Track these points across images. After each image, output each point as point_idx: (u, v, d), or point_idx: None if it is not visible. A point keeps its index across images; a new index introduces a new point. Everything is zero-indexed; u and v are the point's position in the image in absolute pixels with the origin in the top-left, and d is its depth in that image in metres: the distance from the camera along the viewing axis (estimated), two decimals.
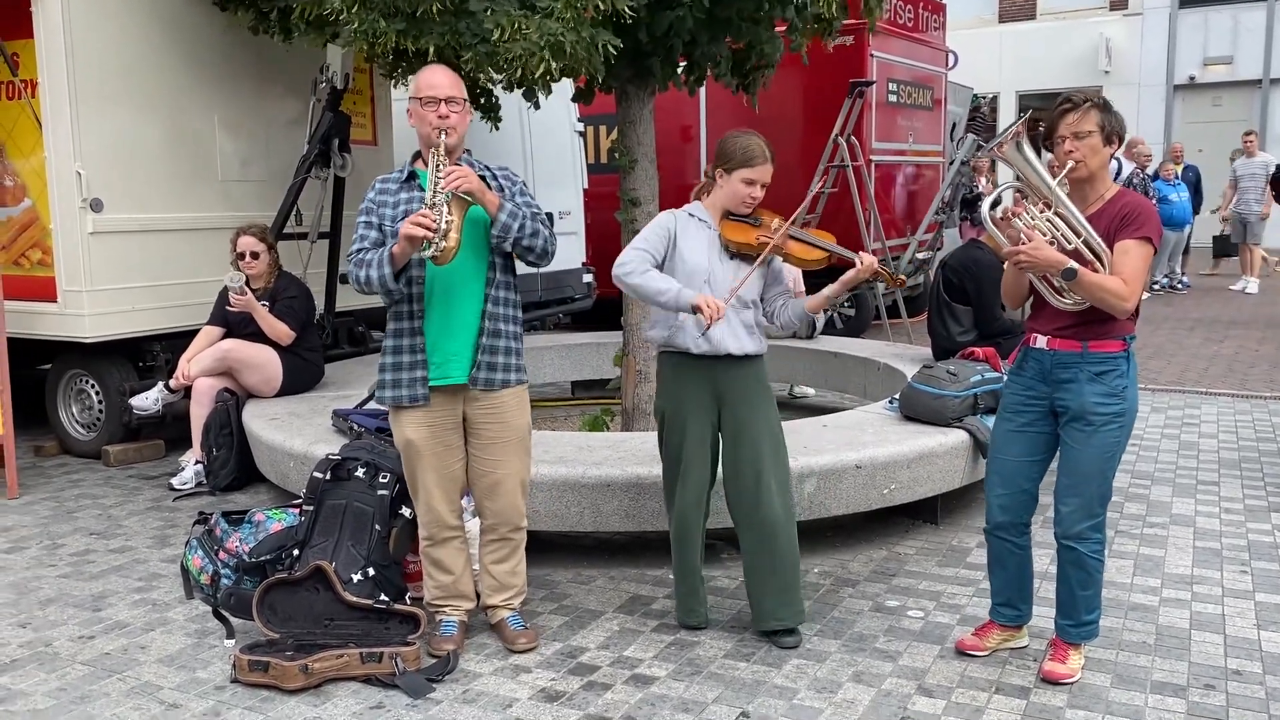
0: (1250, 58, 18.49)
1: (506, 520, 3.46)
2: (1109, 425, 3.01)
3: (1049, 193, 2.99)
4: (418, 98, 3.27)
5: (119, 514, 5.02)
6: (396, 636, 3.38)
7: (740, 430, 3.41)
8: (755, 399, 3.44)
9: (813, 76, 9.13)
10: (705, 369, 3.42)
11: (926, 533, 4.54)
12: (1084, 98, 3.02)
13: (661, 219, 3.49)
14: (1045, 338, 3.09)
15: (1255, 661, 3.29)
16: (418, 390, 3.29)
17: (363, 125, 7.11)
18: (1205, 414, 6.71)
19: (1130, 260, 2.94)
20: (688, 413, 3.43)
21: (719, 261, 3.42)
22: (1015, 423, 3.19)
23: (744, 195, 3.40)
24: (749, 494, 3.40)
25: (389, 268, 3.18)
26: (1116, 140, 3.06)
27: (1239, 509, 4.79)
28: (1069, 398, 3.05)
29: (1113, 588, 3.87)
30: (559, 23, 4.02)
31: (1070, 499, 3.08)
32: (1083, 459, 3.04)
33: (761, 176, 3.38)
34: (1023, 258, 2.94)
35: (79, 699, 3.16)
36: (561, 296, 9.01)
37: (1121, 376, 3.02)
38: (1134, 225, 2.96)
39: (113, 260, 5.72)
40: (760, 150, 3.37)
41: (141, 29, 5.84)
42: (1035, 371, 3.14)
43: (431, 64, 3.44)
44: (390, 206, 3.33)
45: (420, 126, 3.29)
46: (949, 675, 3.22)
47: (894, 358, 6.14)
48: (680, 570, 3.55)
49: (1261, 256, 12.44)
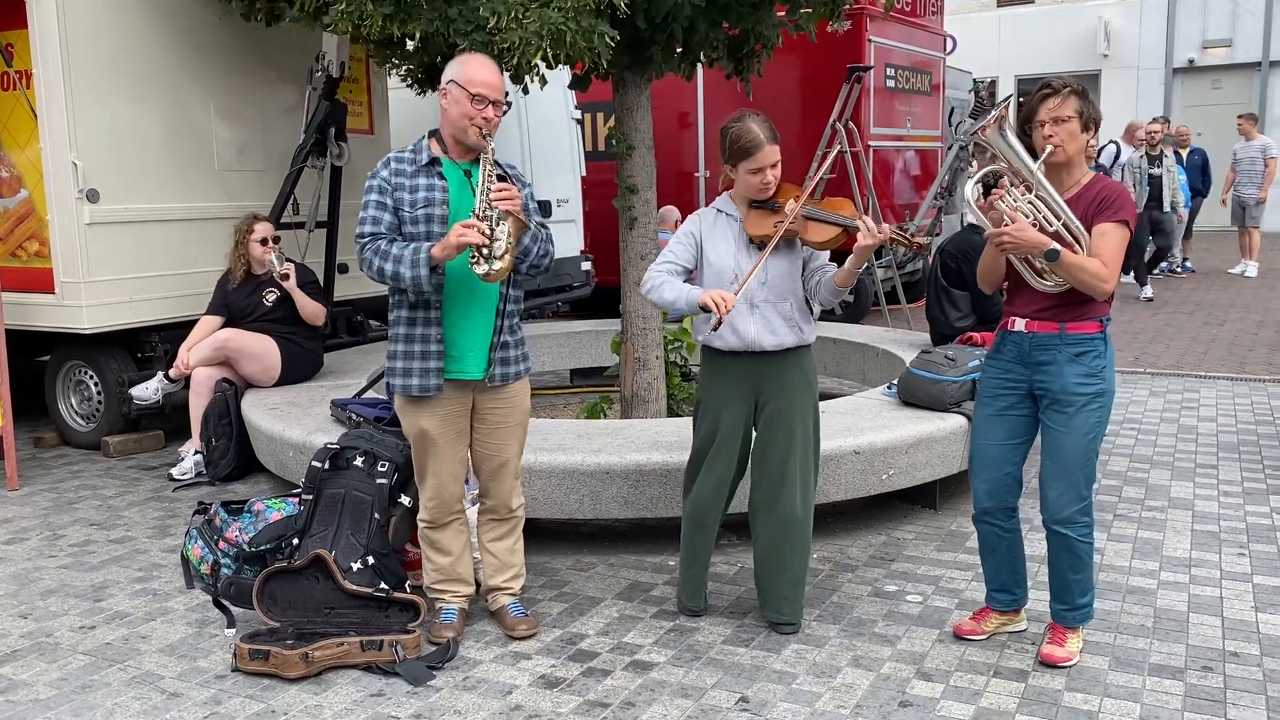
0: (1249, 40, 18.44)
1: (506, 501, 3.48)
2: (1090, 405, 3.04)
3: (1030, 176, 3.02)
4: (468, 89, 3.16)
5: (119, 505, 5.03)
6: (396, 624, 3.39)
7: (774, 422, 3.37)
8: (794, 392, 3.37)
9: (810, 61, 9.11)
10: (742, 364, 3.37)
11: (925, 518, 4.55)
12: (1064, 83, 3.03)
13: (688, 224, 3.45)
14: (1023, 320, 3.12)
15: (1253, 643, 3.30)
16: (430, 381, 3.27)
17: (359, 114, 7.09)
18: (1204, 397, 6.71)
19: (1109, 242, 2.98)
20: (723, 405, 3.40)
21: (746, 256, 3.35)
22: (995, 407, 3.21)
23: (756, 185, 3.32)
24: (773, 486, 3.38)
25: (425, 269, 3.10)
26: (1093, 127, 3.08)
27: (1237, 492, 4.80)
28: (1049, 380, 3.07)
29: (1111, 571, 3.88)
30: (559, 12, 4.01)
31: (1056, 483, 3.10)
32: (1066, 441, 3.06)
33: (766, 162, 3.28)
34: (1006, 239, 2.97)
35: (80, 689, 3.17)
36: (560, 285, 9.01)
37: (1100, 357, 3.06)
38: (1111, 209, 3.00)
39: (110, 251, 5.71)
40: (757, 136, 3.26)
41: (136, 18, 5.82)
42: (1014, 354, 3.15)
43: (479, 54, 3.34)
44: (408, 191, 3.23)
45: (458, 117, 3.19)
46: (947, 659, 3.23)
47: (892, 343, 6.14)
48: (691, 554, 3.52)
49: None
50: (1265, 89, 18.32)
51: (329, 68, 6.21)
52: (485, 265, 3.09)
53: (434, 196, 3.22)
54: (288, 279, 5.56)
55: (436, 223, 3.21)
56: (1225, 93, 18.78)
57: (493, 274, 3.11)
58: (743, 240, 3.38)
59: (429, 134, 3.34)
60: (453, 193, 3.24)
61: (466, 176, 3.28)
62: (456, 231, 3.07)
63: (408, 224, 3.22)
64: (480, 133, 3.17)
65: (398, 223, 3.23)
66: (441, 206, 3.22)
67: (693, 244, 3.41)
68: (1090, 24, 19.44)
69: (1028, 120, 3.06)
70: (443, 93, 3.25)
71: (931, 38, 11.11)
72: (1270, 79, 18.31)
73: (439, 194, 3.22)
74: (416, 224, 3.21)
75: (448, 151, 3.29)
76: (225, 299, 5.68)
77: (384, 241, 3.18)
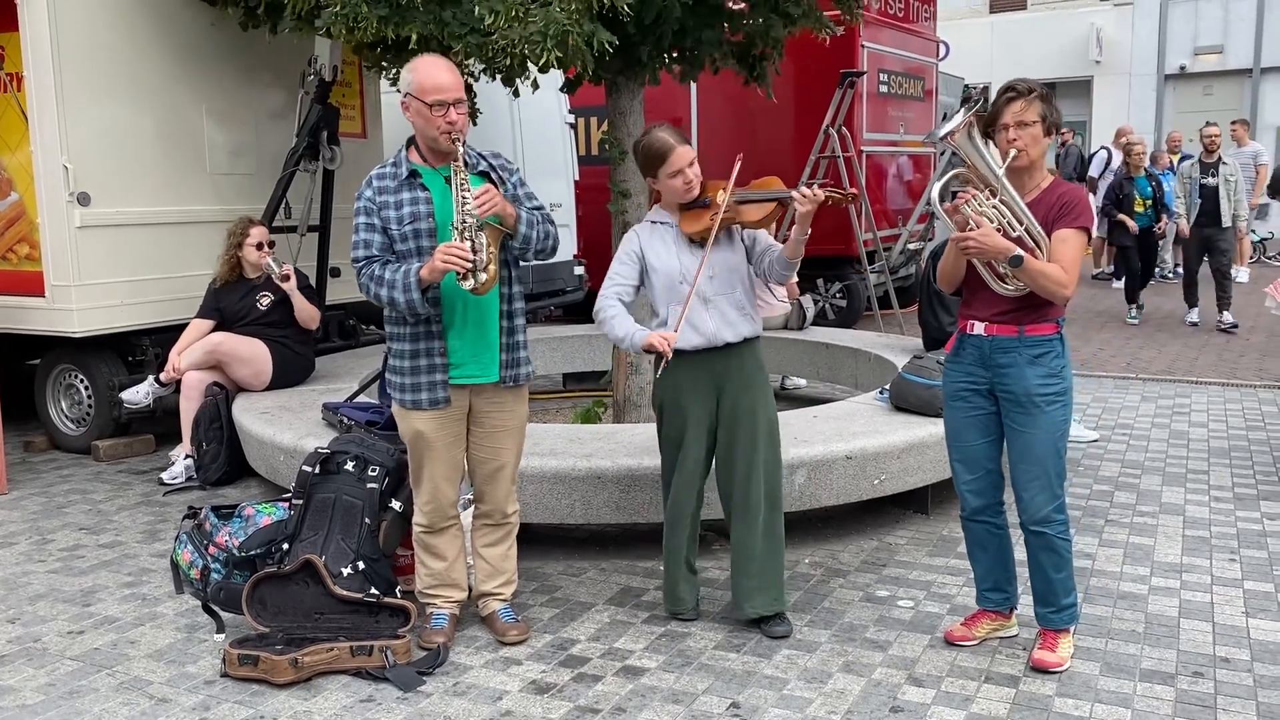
0: (1241, 47, 18.51)
1: (501, 506, 3.47)
2: (1054, 404, 3.07)
3: (995, 181, 3.03)
4: (423, 100, 3.10)
5: (108, 509, 5.00)
6: (387, 629, 3.38)
7: (737, 416, 3.42)
8: (753, 384, 3.45)
9: (803, 67, 9.11)
10: (703, 360, 3.42)
11: (917, 523, 4.55)
12: (1028, 87, 3.03)
13: (626, 243, 3.50)
14: (982, 324, 3.14)
15: (1244, 649, 3.30)
16: (438, 394, 3.27)
17: (352, 118, 7.08)
18: (1195, 403, 6.72)
19: (1069, 249, 3.01)
20: (687, 402, 3.44)
21: (689, 255, 3.42)
22: (965, 410, 3.23)
23: (680, 187, 3.38)
24: (740, 480, 3.42)
25: (417, 293, 3.11)
26: (1055, 131, 3.10)
27: (1228, 497, 4.80)
28: (1010, 381, 3.10)
29: (1102, 576, 3.88)
30: (564, 14, 4.00)
31: (1031, 484, 3.12)
32: (1035, 442, 3.09)
33: (682, 162, 3.34)
34: (971, 244, 2.99)
35: (68, 694, 3.15)
36: (553, 289, 9.00)
37: (1058, 357, 3.09)
38: (1072, 215, 3.03)
39: (101, 254, 5.69)
40: (666, 141, 3.33)
41: (128, 21, 5.81)
42: (974, 357, 3.18)
43: (428, 56, 3.26)
44: (393, 208, 3.21)
45: (424, 128, 3.15)
46: (939, 665, 3.23)
47: (885, 348, 6.14)
48: (667, 555, 3.55)
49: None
50: (1256, 95, 18.39)
51: (321, 71, 6.20)
52: (471, 280, 3.08)
53: (418, 210, 3.21)
54: (289, 280, 5.55)
55: (425, 237, 3.20)
56: (1217, 99, 18.84)
57: (480, 287, 3.10)
58: (682, 241, 3.45)
59: (408, 143, 3.31)
60: (437, 201, 3.23)
61: (448, 182, 3.24)
62: (440, 255, 3.05)
63: (398, 242, 3.22)
64: (450, 138, 3.13)
65: (388, 241, 3.22)
66: (427, 220, 3.21)
67: (635, 261, 3.47)
68: (1082, 30, 19.50)
69: (991, 123, 3.07)
70: (404, 106, 3.21)
71: (924, 43, 11.13)
72: (1261, 85, 18.38)
73: (423, 207, 3.21)
74: (406, 240, 3.21)
75: (426, 160, 3.27)
76: (217, 302, 5.65)
77: (377, 265, 3.19)
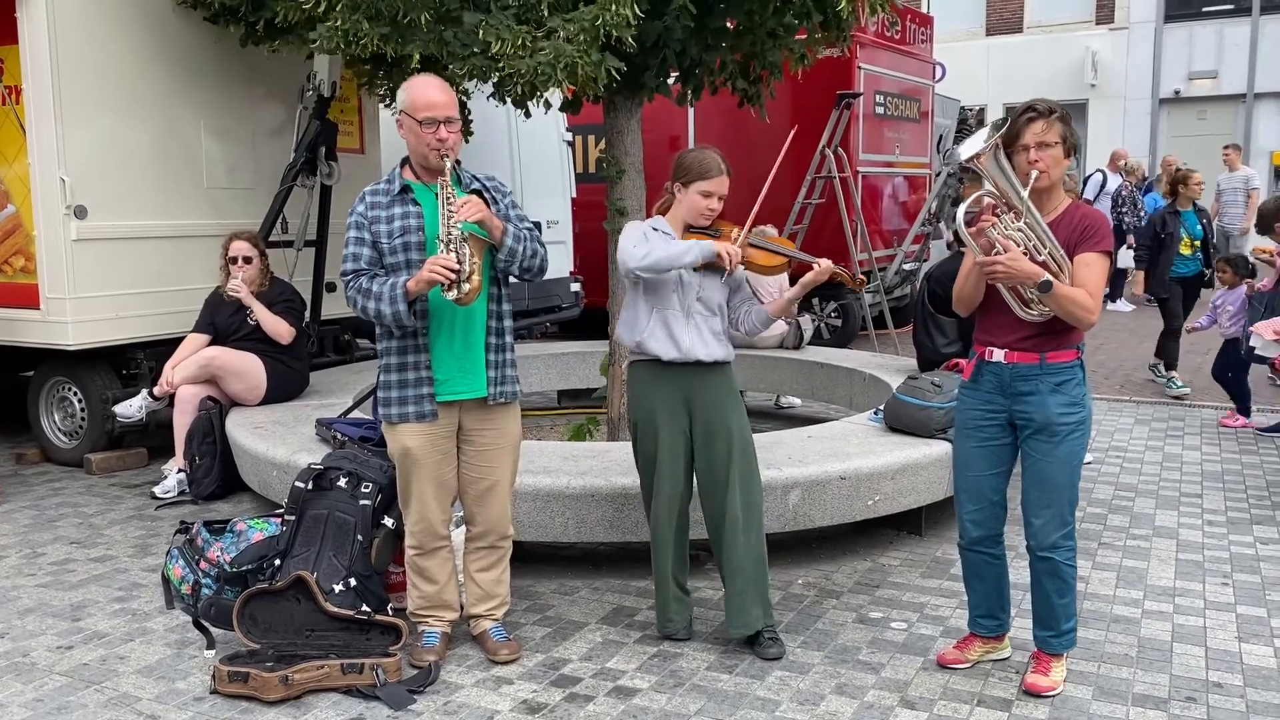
0: (1235, 72, 18.62)
1: (495, 528, 3.45)
2: (1074, 434, 3.06)
3: (1019, 203, 2.99)
4: (414, 117, 3.17)
5: (100, 523, 4.98)
6: (378, 647, 3.36)
7: (712, 436, 3.43)
8: (725, 404, 3.46)
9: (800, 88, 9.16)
10: (676, 376, 3.44)
11: (910, 544, 4.54)
12: (1049, 107, 3.01)
13: (641, 228, 3.50)
14: (1002, 351, 3.11)
15: (1236, 674, 3.30)
16: (425, 407, 3.27)
17: (350, 133, 7.10)
18: (1189, 425, 6.74)
19: (1093, 273, 2.99)
20: (660, 421, 3.45)
21: (686, 270, 3.44)
22: (977, 439, 3.20)
23: (702, 207, 3.43)
24: (718, 498, 3.43)
25: (404, 305, 3.13)
26: (1074, 153, 3.09)
27: (1221, 521, 4.81)
28: (1032, 410, 3.07)
29: (1095, 600, 3.88)
30: (572, 44, 4.05)
31: (1043, 511, 3.10)
32: (1051, 470, 3.06)
33: (718, 189, 3.41)
34: (999, 269, 2.95)
35: (56, 710, 3.13)
36: (549, 305, 9.02)
37: (1079, 385, 3.07)
38: (1095, 238, 3.01)
39: (96, 267, 5.69)
40: (716, 164, 3.40)
41: (127, 35, 5.82)
42: (993, 385, 3.14)
43: (422, 75, 3.34)
44: (384, 223, 3.25)
45: (416, 145, 3.22)
46: (932, 687, 3.22)
47: (879, 369, 6.15)
48: (656, 577, 3.55)
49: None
50: (1250, 120, 18.50)
51: (320, 87, 6.22)
52: (454, 290, 3.09)
53: (409, 224, 3.23)
54: (239, 293, 5.47)
55: (414, 250, 3.22)
56: (1211, 123, 18.94)
57: (464, 297, 3.11)
58: None
59: (402, 161, 3.36)
60: (428, 216, 3.25)
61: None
62: (427, 267, 3.07)
63: (387, 255, 3.24)
64: (439, 155, 3.17)
65: (378, 255, 3.25)
66: (417, 234, 3.23)
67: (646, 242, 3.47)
68: (1078, 54, 19.61)
69: (1010, 143, 3.04)
70: (398, 124, 3.27)
71: (921, 65, 11.20)
72: (1255, 110, 18.50)
73: (414, 221, 3.23)
74: (395, 254, 3.23)
75: (419, 177, 3.30)
76: (212, 317, 5.65)
77: (365, 279, 3.20)
